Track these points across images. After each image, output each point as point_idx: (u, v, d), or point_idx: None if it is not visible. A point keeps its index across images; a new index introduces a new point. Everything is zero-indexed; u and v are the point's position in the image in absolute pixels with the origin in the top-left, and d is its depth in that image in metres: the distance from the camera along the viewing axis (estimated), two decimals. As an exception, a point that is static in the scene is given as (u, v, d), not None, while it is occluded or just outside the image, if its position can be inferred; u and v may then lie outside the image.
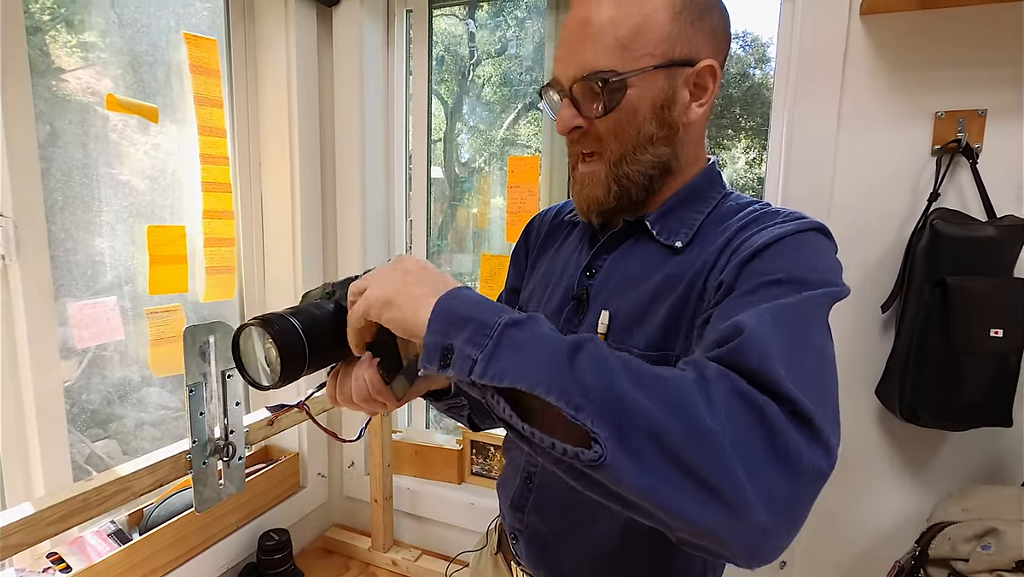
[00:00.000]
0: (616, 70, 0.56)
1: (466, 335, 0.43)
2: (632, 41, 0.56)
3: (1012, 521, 0.88)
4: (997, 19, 0.97)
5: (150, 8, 1.26)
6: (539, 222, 0.83)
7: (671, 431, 0.37)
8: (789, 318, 0.45)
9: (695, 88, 0.59)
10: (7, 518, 0.72)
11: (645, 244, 0.64)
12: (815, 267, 0.51)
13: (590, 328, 0.64)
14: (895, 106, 1.04)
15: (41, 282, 1.04)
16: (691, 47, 0.57)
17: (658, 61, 0.56)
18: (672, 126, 0.60)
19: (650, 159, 0.61)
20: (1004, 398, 0.93)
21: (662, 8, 0.56)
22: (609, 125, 0.59)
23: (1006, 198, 0.99)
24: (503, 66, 2.02)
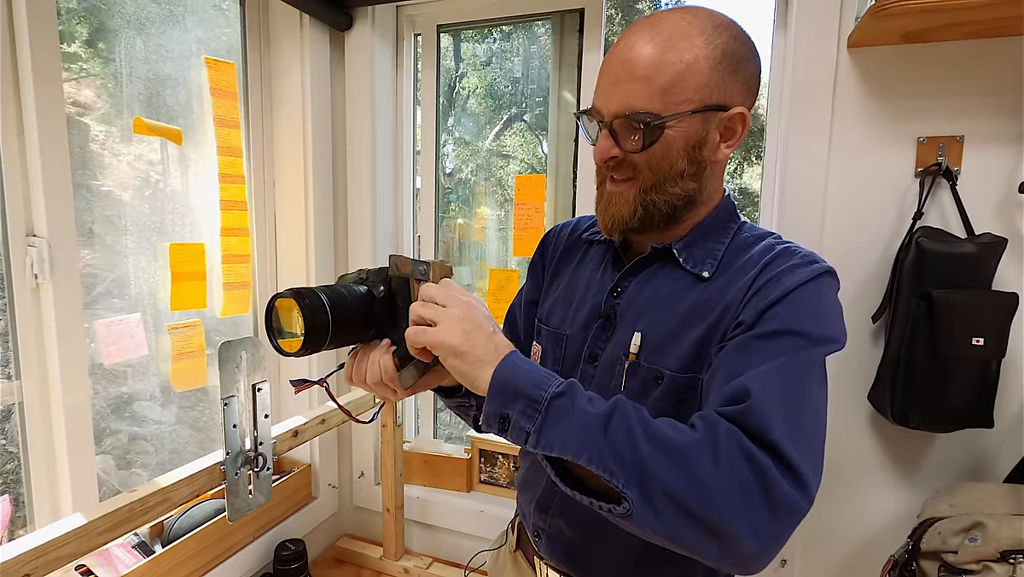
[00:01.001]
0: (657, 113, 0.61)
1: (520, 407, 0.53)
2: (674, 87, 0.60)
3: (996, 515, 0.96)
4: (973, 54, 1.06)
5: (174, 34, 1.30)
6: (555, 237, 0.88)
7: (683, 491, 0.48)
8: (792, 377, 0.54)
9: (725, 131, 0.64)
10: (61, 528, 0.75)
11: (671, 270, 0.69)
12: (822, 321, 0.59)
13: (620, 346, 0.68)
14: (881, 132, 1.13)
15: (71, 300, 1.07)
16: (726, 95, 0.62)
17: (695, 106, 0.61)
18: (701, 164, 0.65)
19: (678, 191, 0.66)
20: (986, 401, 1.01)
21: (703, 59, 0.60)
22: (645, 158, 0.64)
23: (984, 217, 1.07)
24: (488, 78, 2.09)
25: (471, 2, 1.48)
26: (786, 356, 0.55)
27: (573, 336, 0.76)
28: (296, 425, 1.15)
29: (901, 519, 1.16)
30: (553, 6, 1.47)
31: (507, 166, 2.32)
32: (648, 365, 0.66)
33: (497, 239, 1.85)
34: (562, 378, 0.56)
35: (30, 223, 1.03)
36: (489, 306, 1.56)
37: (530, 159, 2.24)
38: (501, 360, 0.56)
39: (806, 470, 0.49)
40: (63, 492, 1.10)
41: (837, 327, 0.60)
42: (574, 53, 1.54)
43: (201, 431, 1.51)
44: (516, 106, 2.04)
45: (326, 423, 1.22)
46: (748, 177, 7.63)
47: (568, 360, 0.76)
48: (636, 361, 0.66)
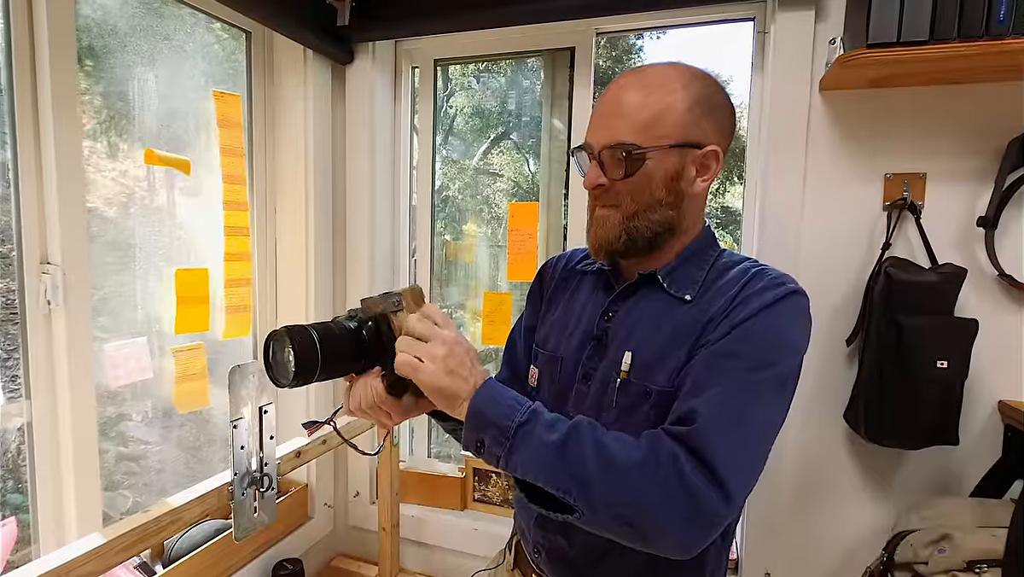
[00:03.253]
0: (638, 144, 0.69)
1: (491, 436, 0.63)
2: (654, 123, 0.69)
3: (963, 527, 1.03)
4: (934, 99, 1.15)
5: (183, 67, 1.36)
6: (552, 268, 0.94)
7: (622, 505, 0.59)
8: (737, 400, 0.63)
9: (701, 166, 0.72)
10: (82, 548, 0.78)
11: (657, 295, 0.75)
12: (775, 347, 0.66)
13: (612, 365, 0.74)
14: (851, 168, 1.21)
15: (82, 326, 1.10)
16: (701, 134, 0.70)
17: (672, 141, 0.69)
18: (679, 195, 0.72)
19: (658, 218, 0.72)
20: (951, 420, 1.08)
21: (680, 101, 0.69)
22: (628, 186, 0.71)
23: (946, 248, 1.16)
24: (476, 97, 2.16)
25: (467, 39, 1.56)
26: (735, 380, 0.63)
27: (568, 358, 0.81)
28: (299, 446, 1.19)
29: (876, 532, 1.22)
30: (545, 44, 1.55)
31: (494, 184, 2.38)
32: (638, 382, 0.71)
33: (487, 257, 1.90)
34: (529, 402, 0.65)
35: (45, 251, 1.07)
36: (483, 328, 1.62)
37: (517, 177, 2.31)
38: (476, 391, 0.64)
39: (733, 484, 0.59)
40: (68, 512, 1.12)
41: (792, 347, 0.67)
42: (565, 86, 1.62)
43: (188, 451, 1.52)
44: (503, 125, 2.11)
45: (327, 444, 1.26)
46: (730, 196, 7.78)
47: (563, 380, 0.81)
48: (627, 379, 0.72)
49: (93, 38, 1.18)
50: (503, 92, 2.00)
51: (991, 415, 1.16)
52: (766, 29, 1.29)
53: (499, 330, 1.61)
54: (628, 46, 9.97)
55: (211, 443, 1.56)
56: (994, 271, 1.12)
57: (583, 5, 1.31)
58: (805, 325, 0.70)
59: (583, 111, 1.50)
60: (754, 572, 1.33)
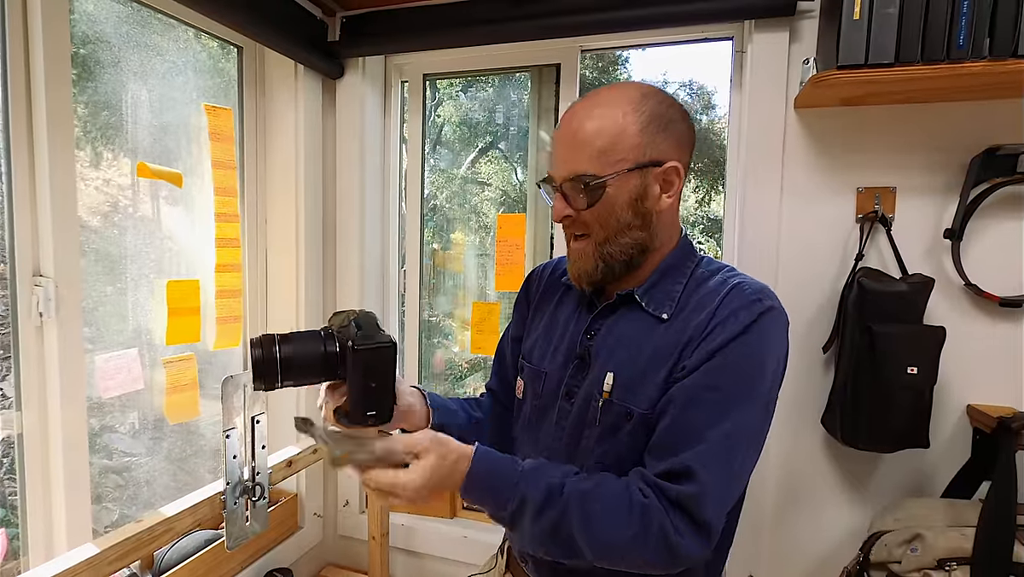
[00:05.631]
0: (596, 174, 0.70)
1: (490, 512, 0.69)
2: (609, 150, 0.70)
3: (934, 527, 1.07)
4: (903, 116, 1.21)
5: (175, 81, 1.38)
6: (538, 277, 0.95)
7: (615, 565, 0.68)
8: (730, 444, 0.67)
9: (664, 183, 0.73)
10: (76, 558, 0.80)
11: (636, 313, 0.76)
12: (761, 367, 0.69)
13: (595, 384, 0.76)
14: (825, 182, 1.26)
15: (74, 338, 1.11)
16: (658, 151, 0.71)
17: (630, 165, 0.70)
18: (646, 215, 0.73)
19: (629, 241, 0.74)
20: (922, 424, 1.13)
21: (633, 123, 0.70)
22: (594, 215, 0.73)
23: (915, 259, 1.21)
24: (464, 107, 2.19)
25: (456, 55, 1.60)
26: (721, 418, 0.66)
27: (552, 374, 0.83)
28: (290, 456, 1.20)
29: (853, 533, 1.26)
30: (532, 61, 1.59)
31: (482, 193, 2.41)
32: (620, 403, 0.73)
33: (475, 266, 1.93)
34: (516, 475, 0.68)
35: (37, 263, 1.08)
36: (471, 337, 1.65)
37: (504, 186, 2.34)
38: (464, 481, 0.67)
39: (716, 531, 0.66)
40: (58, 524, 1.12)
41: (772, 367, 0.70)
42: (551, 100, 1.67)
43: (175, 463, 1.52)
44: (491, 135, 2.15)
45: (318, 452, 1.28)
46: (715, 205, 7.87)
47: (546, 396, 0.83)
48: (609, 399, 0.74)
49: (80, 47, 1.20)
50: (491, 104, 2.04)
51: (960, 419, 1.21)
52: (743, 48, 1.34)
53: (488, 339, 1.63)
54: (614, 57, 10.08)
55: (198, 454, 1.57)
56: (960, 281, 1.18)
57: (569, 25, 1.35)
58: (781, 337, 0.72)
59: (569, 126, 1.54)
60: (738, 575, 1.36)
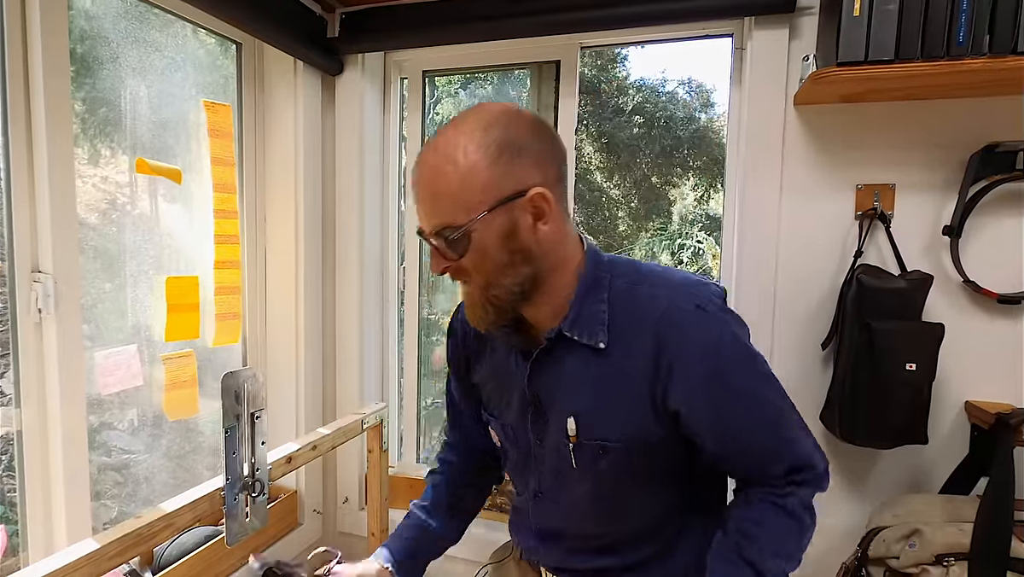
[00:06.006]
0: (455, 224, 0.65)
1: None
2: (462, 195, 0.65)
3: (932, 523, 1.07)
4: (902, 113, 1.21)
5: (174, 77, 1.38)
6: (460, 327, 0.89)
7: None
8: (784, 417, 0.74)
9: (535, 211, 0.67)
10: (76, 553, 0.79)
11: (571, 347, 0.73)
12: (752, 367, 0.72)
13: (558, 430, 0.75)
14: (824, 179, 1.27)
15: (73, 333, 1.11)
16: (517, 181, 0.65)
17: (489, 205, 0.65)
18: (524, 250, 0.68)
19: (513, 280, 0.69)
20: (920, 420, 1.13)
21: (480, 160, 0.64)
22: (469, 262, 0.68)
23: (914, 255, 1.21)
24: (462, 105, 2.19)
25: (455, 51, 1.59)
26: (768, 406, 0.72)
27: (515, 425, 0.82)
28: (290, 452, 1.20)
29: (851, 530, 1.26)
30: (531, 57, 1.59)
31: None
32: (589, 443, 0.73)
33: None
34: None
35: (36, 260, 1.08)
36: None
37: None
38: None
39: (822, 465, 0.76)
40: (57, 520, 1.12)
41: (757, 355, 0.73)
42: (551, 96, 1.66)
43: (174, 460, 1.52)
44: None
45: (317, 449, 1.28)
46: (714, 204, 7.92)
47: (520, 444, 0.83)
48: (578, 442, 0.74)
49: (77, 43, 1.19)
50: (483, 89, 2.03)
51: (958, 415, 1.21)
52: (743, 45, 1.34)
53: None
54: (613, 55, 10.04)
55: (197, 451, 1.57)
56: (959, 277, 1.18)
57: (568, 22, 1.35)
58: (740, 328, 0.73)
59: (568, 121, 1.54)
60: (736, 571, 1.36)
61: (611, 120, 8.64)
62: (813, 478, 0.73)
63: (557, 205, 0.68)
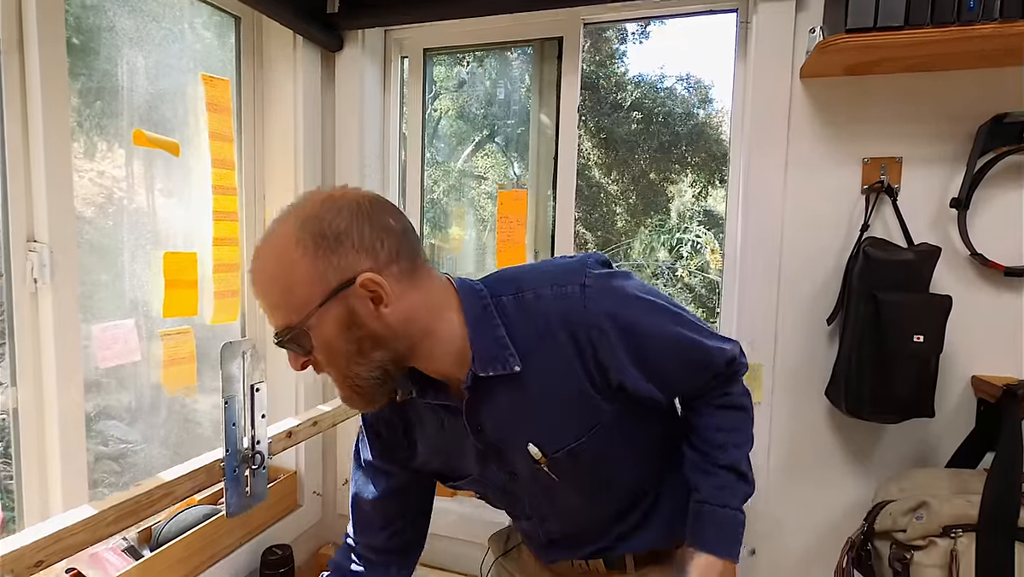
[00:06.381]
0: (291, 324, 0.64)
1: None
2: (290, 298, 0.63)
3: (939, 495, 1.06)
4: (908, 86, 1.20)
5: (171, 49, 1.36)
6: (376, 418, 0.85)
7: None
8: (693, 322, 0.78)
9: (373, 296, 0.64)
10: (74, 517, 0.78)
11: (493, 384, 0.71)
12: (646, 303, 0.74)
13: (525, 461, 0.76)
14: (830, 153, 1.25)
15: (69, 305, 1.09)
16: (342, 271, 0.63)
17: (318, 301, 0.63)
18: (370, 336, 0.65)
19: (366, 368, 0.67)
20: (927, 393, 1.12)
21: (300, 259, 0.62)
22: (322, 357, 0.67)
23: (921, 228, 1.20)
24: (460, 100, 2.17)
25: (456, 28, 1.58)
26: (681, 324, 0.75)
27: (483, 473, 0.81)
28: (290, 426, 1.19)
29: (858, 505, 1.25)
30: (533, 34, 1.57)
31: (479, 187, 2.40)
32: (559, 455, 0.75)
33: (473, 255, 1.92)
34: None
35: (31, 229, 1.06)
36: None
37: (501, 180, 2.33)
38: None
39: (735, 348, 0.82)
40: (53, 493, 1.11)
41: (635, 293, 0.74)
42: (553, 75, 1.65)
43: (170, 450, 1.50)
44: (488, 128, 2.13)
45: (318, 425, 1.26)
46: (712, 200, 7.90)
47: (498, 486, 0.83)
48: (548, 459, 0.75)
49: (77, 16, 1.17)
50: (489, 93, 2.02)
51: (965, 389, 1.20)
52: (748, 19, 1.33)
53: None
54: (611, 51, 9.97)
55: (196, 441, 1.54)
56: (966, 251, 1.17)
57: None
58: (625, 281, 0.74)
59: (571, 99, 1.53)
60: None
61: (609, 115, 8.62)
62: (737, 367, 0.81)
63: (399, 281, 0.65)
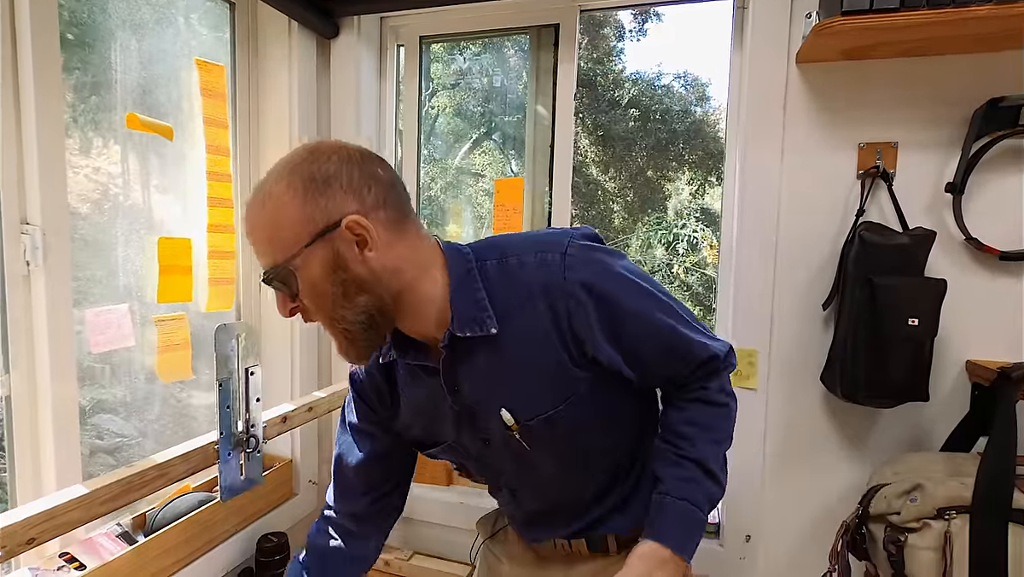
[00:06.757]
0: (278, 264, 0.65)
1: None
2: (279, 235, 0.65)
3: (933, 478, 1.07)
4: (906, 70, 1.20)
5: (164, 35, 1.35)
6: (362, 379, 0.86)
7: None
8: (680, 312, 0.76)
9: (358, 240, 0.65)
10: (67, 496, 0.78)
11: (471, 344, 0.72)
12: (630, 282, 0.73)
13: (497, 425, 0.75)
14: (826, 138, 1.25)
15: (62, 288, 1.08)
16: (329, 213, 0.64)
17: (304, 241, 0.64)
18: (355, 279, 0.66)
19: (352, 312, 0.68)
20: (922, 376, 1.12)
21: (289, 200, 0.64)
22: (307, 300, 0.68)
23: (916, 212, 1.21)
24: (457, 97, 2.17)
25: (452, 14, 1.57)
26: (664, 311, 0.74)
27: (458, 439, 0.81)
28: (285, 411, 1.18)
29: (853, 489, 1.25)
30: (530, 21, 1.57)
31: (476, 184, 2.39)
32: (533, 422, 0.74)
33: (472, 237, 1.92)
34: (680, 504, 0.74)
35: (24, 211, 1.05)
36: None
37: (499, 177, 2.33)
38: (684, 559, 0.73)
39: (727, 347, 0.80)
40: (46, 477, 1.10)
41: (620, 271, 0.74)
42: (550, 62, 1.64)
43: (166, 445, 1.48)
44: (486, 125, 2.12)
45: (313, 410, 1.26)
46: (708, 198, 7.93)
47: (472, 454, 0.82)
48: (521, 427, 0.75)
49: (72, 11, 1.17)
50: (486, 90, 2.01)
51: (959, 374, 1.20)
52: (745, 5, 1.33)
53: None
54: (609, 48, 9.95)
55: (192, 436, 1.53)
56: (961, 235, 1.17)
57: (567, -22, 1.33)
58: (611, 258, 0.74)
59: (567, 86, 1.52)
60: (735, 536, 1.36)
61: (607, 113, 8.62)
62: (721, 365, 0.78)
63: (385, 227, 0.67)
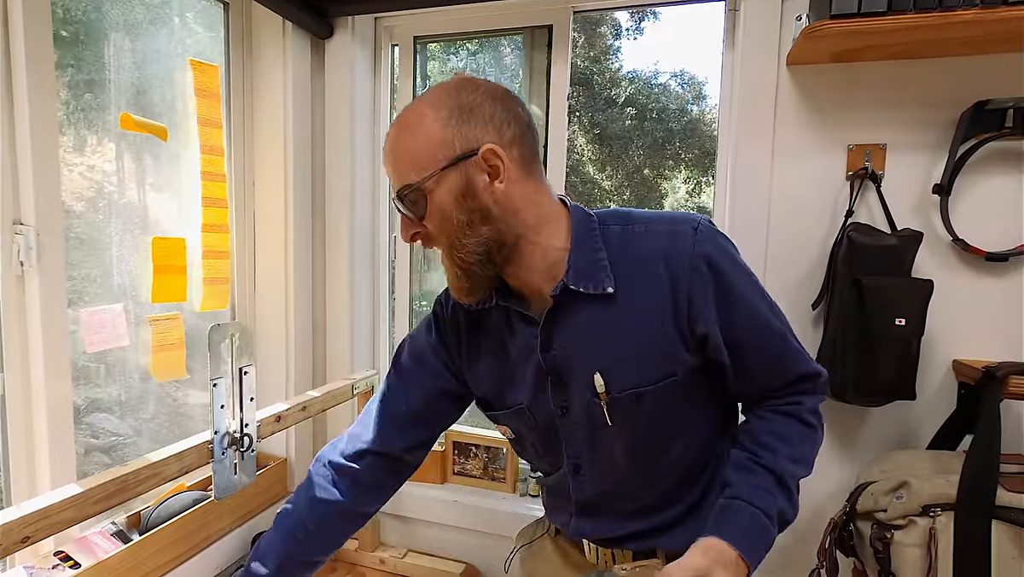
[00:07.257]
0: (411, 183, 0.68)
1: None
2: (419, 156, 0.68)
3: (919, 475, 1.08)
4: (895, 73, 1.21)
5: (159, 35, 1.35)
6: (447, 314, 0.86)
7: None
8: (786, 334, 0.76)
9: (490, 169, 0.68)
10: (61, 495, 0.78)
11: (579, 302, 0.72)
12: (748, 273, 0.75)
13: (585, 390, 0.74)
14: (816, 140, 1.27)
15: (56, 288, 1.09)
16: (468, 141, 0.67)
17: (442, 164, 0.67)
18: (482, 208, 0.68)
19: (475, 241, 0.69)
20: (909, 376, 1.14)
21: (433, 123, 0.68)
22: (432, 224, 0.70)
23: (904, 214, 1.22)
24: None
25: (446, 15, 1.58)
26: (775, 324, 0.74)
27: (534, 405, 0.79)
28: (279, 410, 1.19)
29: (841, 487, 1.27)
30: (523, 22, 1.57)
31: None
32: (624, 395, 0.72)
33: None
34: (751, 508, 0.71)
35: (18, 211, 1.05)
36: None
37: None
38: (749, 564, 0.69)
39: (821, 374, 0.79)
40: (41, 478, 1.10)
41: (743, 262, 0.76)
42: (543, 65, 1.65)
43: (161, 444, 1.48)
44: None
45: (307, 410, 1.27)
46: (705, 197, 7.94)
47: (541, 424, 0.80)
48: (610, 397, 0.73)
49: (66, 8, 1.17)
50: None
51: (946, 374, 1.22)
52: (736, 7, 1.34)
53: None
54: (605, 47, 9.95)
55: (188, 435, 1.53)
56: (948, 236, 1.19)
57: (560, -20, 1.34)
58: (734, 249, 0.76)
59: (561, 87, 1.53)
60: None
61: (603, 111, 8.62)
62: (820, 386, 0.77)
63: (517, 164, 0.70)
